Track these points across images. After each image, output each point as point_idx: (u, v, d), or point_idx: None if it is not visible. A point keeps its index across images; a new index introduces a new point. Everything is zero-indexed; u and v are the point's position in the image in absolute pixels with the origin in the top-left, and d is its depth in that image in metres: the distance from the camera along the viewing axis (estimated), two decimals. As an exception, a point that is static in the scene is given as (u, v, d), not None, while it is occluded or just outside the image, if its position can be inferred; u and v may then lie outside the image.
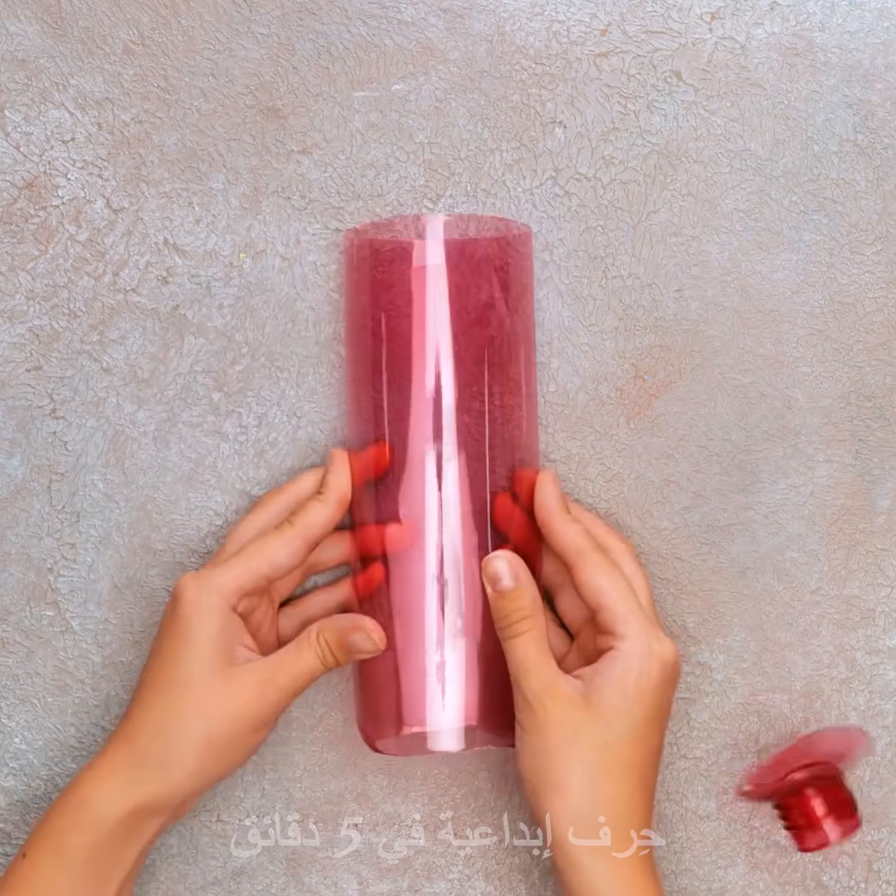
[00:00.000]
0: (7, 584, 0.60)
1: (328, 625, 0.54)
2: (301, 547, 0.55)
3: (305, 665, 0.54)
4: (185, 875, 0.62)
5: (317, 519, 0.55)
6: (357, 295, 0.57)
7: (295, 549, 0.55)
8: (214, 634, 0.53)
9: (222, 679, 0.53)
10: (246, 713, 0.53)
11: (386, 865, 0.62)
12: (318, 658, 0.54)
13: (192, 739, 0.53)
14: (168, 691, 0.53)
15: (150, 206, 0.59)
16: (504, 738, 0.55)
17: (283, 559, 0.54)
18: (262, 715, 0.53)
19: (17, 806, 0.61)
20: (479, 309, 0.55)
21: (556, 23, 0.59)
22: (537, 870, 0.62)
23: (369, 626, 0.54)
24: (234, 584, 0.54)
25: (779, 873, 0.62)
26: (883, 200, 0.60)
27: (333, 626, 0.54)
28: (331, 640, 0.54)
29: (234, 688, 0.53)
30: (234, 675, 0.53)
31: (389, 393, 0.55)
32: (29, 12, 0.58)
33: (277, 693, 0.53)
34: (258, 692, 0.53)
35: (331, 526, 0.56)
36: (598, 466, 0.61)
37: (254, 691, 0.53)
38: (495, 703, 0.55)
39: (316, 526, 0.55)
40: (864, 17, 0.59)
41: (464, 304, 0.55)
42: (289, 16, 0.58)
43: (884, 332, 0.61)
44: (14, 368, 0.59)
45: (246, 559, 0.54)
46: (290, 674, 0.53)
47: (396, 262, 0.55)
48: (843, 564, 0.61)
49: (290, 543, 0.54)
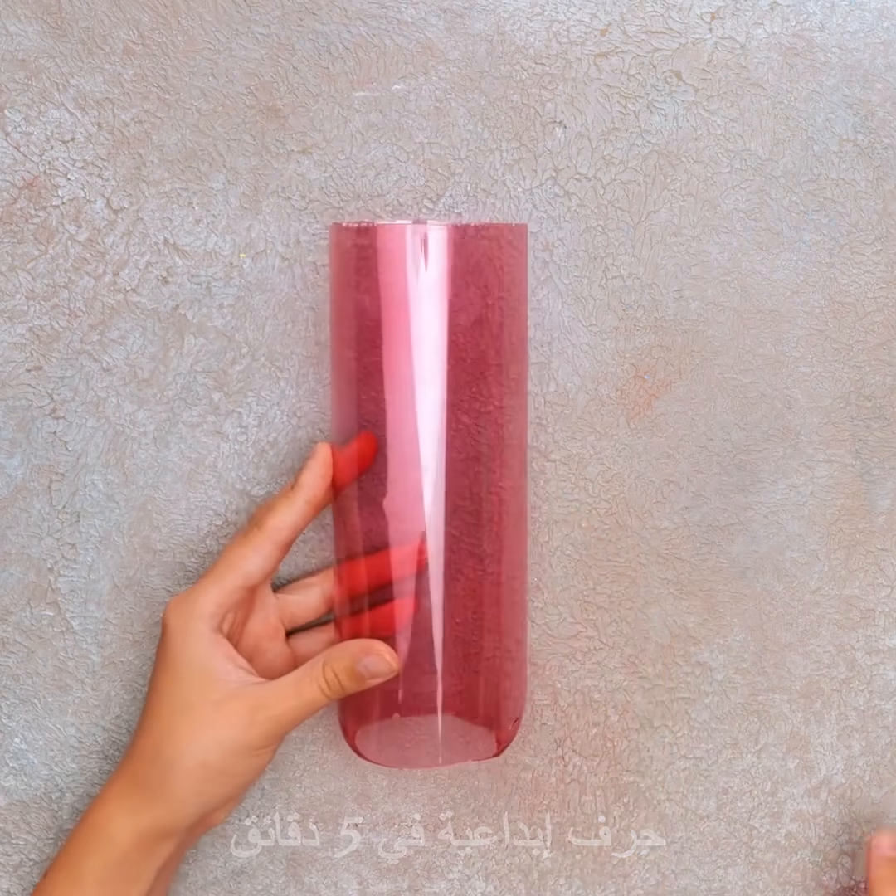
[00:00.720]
0: (7, 584, 0.60)
1: (335, 654, 0.52)
2: (272, 551, 0.54)
3: (306, 697, 0.52)
4: (185, 875, 0.62)
5: (285, 521, 0.54)
6: (346, 292, 0.55)
7: (265, 555, 0.54)
8: (200, 660, 0.52)
9: (212, 706, 0.52)
10: (236, 740, 0.52)
11: (386, 865, 0.62)
12: (322, 690, 0.52)
13: (186, 766, 0.52)
14: (162, 719, 0.53)
15: (150, 206, 0.59)
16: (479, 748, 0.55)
17: (255, 568, 0.54)
18: (254, 742, 0.52)
19: (17, 806, 0.61)
20: (477, 309, 0.54)
21: (556, 23, 0.59)
22: (537, 870, 0.62)
23: (380, 648, 0.52)
24: (212, 604, 0.53)
25: (779, 873, 0.62)
26: (883, 200, 0.60)
27: (342, 654, 0.52)
28: (339, 670, 0.52)
29: (224, 715, 0.52)
30: (224, 701, 0.52)
31: (386, 391, 0.54)
32: (29, 12, 0.58)
33: (270, 722, 0.52)
34: (248, 719, 0.52)
35: (302, 526, 0.55)
36: (598, 466, 0.61)
37: (244, 718, 0.52)
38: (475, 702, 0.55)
39: (285, 529, 0.54)
40: (864, 17, 0.59)
41: (462, 304, 0.54)
42: (289, 16, 0.58)
43: (884, 332, 0.61)
44: (14, 368, 0.59)
45: (219, 576, 0.54)
46: (287, 705, 0.52)
47: (387, 265, 0.53)
48: (843, 564, 0.61)
49: (260, 549, 0.54)
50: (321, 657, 0.52)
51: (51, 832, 0.61)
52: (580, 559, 0.61)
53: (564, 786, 0.62)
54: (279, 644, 0.58)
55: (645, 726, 0.62)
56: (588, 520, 0.61)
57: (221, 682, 0.52)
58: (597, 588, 0.61)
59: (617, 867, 0.63)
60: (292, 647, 0.58)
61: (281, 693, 0.52)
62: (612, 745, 0.62)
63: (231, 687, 0.52)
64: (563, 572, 0.61)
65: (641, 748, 0.62)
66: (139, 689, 0.61)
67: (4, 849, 0.61)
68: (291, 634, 0.59)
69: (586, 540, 0.61)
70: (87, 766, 0.61)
